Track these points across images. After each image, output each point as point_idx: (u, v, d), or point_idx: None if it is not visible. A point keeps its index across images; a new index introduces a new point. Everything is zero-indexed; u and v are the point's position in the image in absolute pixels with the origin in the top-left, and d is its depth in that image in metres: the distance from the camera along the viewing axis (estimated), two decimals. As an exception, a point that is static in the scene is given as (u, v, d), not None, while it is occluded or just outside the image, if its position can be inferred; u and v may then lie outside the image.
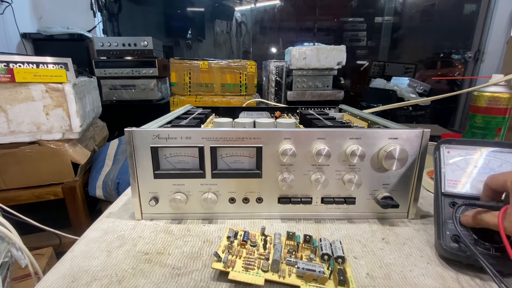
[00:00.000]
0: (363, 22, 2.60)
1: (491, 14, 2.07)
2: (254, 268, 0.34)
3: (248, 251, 0.36)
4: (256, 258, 0.35)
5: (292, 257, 0.36)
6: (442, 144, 0.43)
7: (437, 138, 0.74)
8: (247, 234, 0.39)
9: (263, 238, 0.39)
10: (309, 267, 0.33)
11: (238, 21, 2.61)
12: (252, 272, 0.33)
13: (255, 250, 0.37)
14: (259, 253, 0.36)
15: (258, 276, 0.33)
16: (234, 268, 0.34)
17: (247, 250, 0.37)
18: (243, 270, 0.34)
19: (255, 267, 0.34)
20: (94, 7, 2.04)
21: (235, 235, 0.38)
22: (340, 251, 0.36)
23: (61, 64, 1.02)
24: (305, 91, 1.59)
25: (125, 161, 1.23)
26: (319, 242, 0.37)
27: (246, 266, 0.34)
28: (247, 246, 0.37)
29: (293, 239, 0.38)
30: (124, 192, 0.59)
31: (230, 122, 0.58)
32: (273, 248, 0.37)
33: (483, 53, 2.16)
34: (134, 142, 0.43)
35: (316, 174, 0.45)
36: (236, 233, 0.39)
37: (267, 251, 0.37)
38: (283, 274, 0.34)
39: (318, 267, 0.33)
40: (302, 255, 0.37)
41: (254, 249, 0.37)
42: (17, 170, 1.06)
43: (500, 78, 0.62)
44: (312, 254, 0.36)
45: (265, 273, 0.33)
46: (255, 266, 0.34)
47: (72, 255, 0.39)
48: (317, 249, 0.37)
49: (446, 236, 0.37)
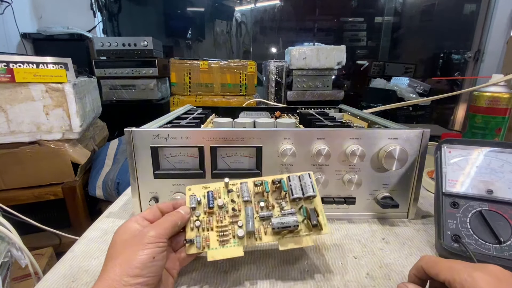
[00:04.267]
0: (363, 22, 2.60)
1: (491, 14, 2.07)
2: (229, 238, 0.33)
3: (218, 218, 0.34)
4: (229, 224, 0.34)
5: (264, 210, 0.35)
6: (444, 144, 0.43)
7: (437, 138, 0.74)
8: (211, 195, 0.35)
9: (229, 194, 0.36)
10: (283, 223, 0.33)
11: (238, 21, 2.61)
12: (228, 244, 0.33)
13: (225, 215, 0.34)
14: (230, 216, 0.34)
15: (236, 245, 0.33)
16: (210, 246, 0.33)
17: (217, 217, 0.34)
18: (219, 245, 0.33)
19: (230, 236, 0.33)
20: (94, 7, 2.04)
21: (198, 202, 0.35)
22: (310, 189, 0.35)
23: (61, 64, 1.02)
24: (305, 91, 1.59)
25: (125, 161, 1.23)
26: (287, 183, 0.36)
27: (220, 238, 0.33)
28: (215, 211, 0.35)
29: (261, 186, 0.36)
30: (124, 192, 0.59)
31: (230, 122, 0.58)
32: (243, 204, 0.35)
33: (483, 53, 2.15)
34: (134, 142, 0.43)
35: (316, 174, 0.45)
36: (199, 200, 0.35)
37: (238, 208, 0.35)
38: (259, 235, 0.33)
39: (292, 221, 0.33)
40: (273, 204, 0.35)
41: (223, 213, 0.34)
42: (17, 170, 1.06)
43: (500, 78, 0.62)
44: (283, 202, 0.35)
45: (242, 240, 0.33)
46: (230, 235, 0.33)
47: (72, 255, 0.39)
48: (287, 193, 0.35)
49: (446, 236, 0.37)
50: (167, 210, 0.34)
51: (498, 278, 0.23)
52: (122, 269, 0.26)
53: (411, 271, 0.29)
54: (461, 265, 0.24)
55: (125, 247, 0.28)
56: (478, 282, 0.22)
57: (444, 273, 0.25)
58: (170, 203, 0.35)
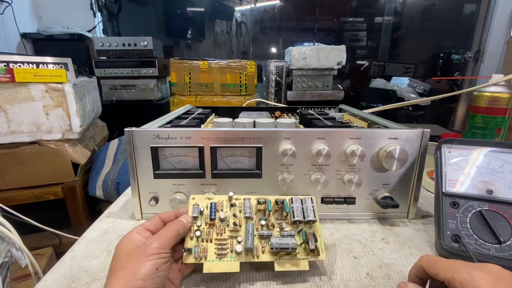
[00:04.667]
0: (363, 22, 2.60)
1: (491, 14, 2.07)
2: (227, 252, 0.33)
3: (218, 230, 0.35)
4: (228, 237, 0.34)
5: (264, 228, 0.35)
6: (444, 144, 0.43)
7: (437, 138, 0.74)
8: (214, 207, 0.36)
9: (232, 208, 0.36)
10: (282, 244, 0.33)
11: (238, 21, 2.60)
12: (225, 258, 0.33)
13: (225, 228, 0.35)
14: (230, 230, 0.35)
15: (233, 260, 0.33)
16: (208, 258, 0.33)
17: (217, 229, 0.35)
18: (217, 257, 0.33)
19: (228, 250, 0.33)
20: (94, 7, 2.04)
21: (200, 212, 0.35)
22: (312, 213, 0.35)
23: (61, 64, 1.02)
24: (305, 91, 1.59)
25: (125, 161, 1.23)
26: (290, 205, 0.36)
27: (218, 252, 0.33)
28: (216, 223, 0.35)
29: (264, 204, 0.37)
30: (124, 192, 0.59)
31: (230, 122, 0.58)
32: (244, 220, 0.35)
33: (483, 53, 2.15)
34: (134, 142, 0.43)
35: (316, 174, 0.45)
36: (202, 210, 0.36)
37: (239, 223, 0.35)
38: (257, 253, 0.33)
39: (290, 243, 0.33)
40: (274, 223, 0.36)
41: (224, 226, 0.35)
42: (17, 170, 1.06)
43: (500, 78, 0.62)
44: (284, 223, 0.36)
45: (239, 256, 0.33)
46: (228, 249, 0.33)
47: (72, 255, 0.39)
48: (289, 215, 0.36)
49: (446, 236, 0.37)
50: (169, 219, 0.34)
51: (498, 277, 0.23)
52: (127, 281, 0.26)
53: (411, 271, 0.29)
54: (461, 264, 0.25)
55: (128, 259, 0.28)
56: (477, 281, 0.22)
57: (444, 272, 0.25)
58: (172, 212, 0.35)
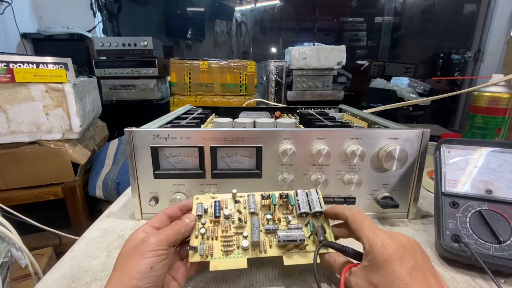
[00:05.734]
0: (363, 22, 2.60)
1: (491, 14, 2.07)
2: (233, 248, 0.32)
3: (224, 227, 0.34)
4: (234, 234, 0.33)
5: (270, 223, 0.34)
6: (443, 144, 0.43)
7: (437, 138, 0.74)
8: (218, 205, 0.35)
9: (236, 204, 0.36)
10: (289, 236, 0.32)
11: (238, 21, 2.61)
12: (232, 254, 0.32)
13: (231, 225, 0.34)
14: (235, 226, 0.34)
15: (240, 256, 0.32)
16: (214, 255, 0.32)
17: (222, 226, 0.34)
18: (223, 255, 0.32)
19: (234, 247, 0.33)
20: (94, 7, 2.04)
21: (205, 210, 0.35)
22: (318, 205, 0.35)
23: (61, 64, 1.02)
24: (305, 91, 1.59)
25: (125, 161, 1.23)
26: (295, 198, 0.36)
27: (225, 249, 0.32)
28: (221, 220, 0.34)
29: (268, 199, 0.36)
30: (124, 192, 0.59)
31: (230, 122, 0.58)
32: (249, 216, 0.35)
33: (483, 53, 2.16)
34: (134, 142, 0.43)
35: (316, 174, 0.45)
36: (206, 209, 0.35)
37: (244, 219, 0.35)
38: (264, 248, 0.33)
39: (298, 235, 0.32)
40: (280, 217, 0.35)
41: (229, 223, 0.34)
42: (17, 170, 1.06)
43: (500, 78, 0.62)
44: (290, 216, 0.35)
45: (246, 251, 0.32)
46: (234, 246, 0.33)
47: (72, 255, 0.39)
48: (294, 208, 0.36)
49: (446, 235, 0.37)
50: (173, 213, 0.34)
51: (404, 246, 0.27)
52: (122, 280, 0.26)
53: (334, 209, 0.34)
54: (380, 231, 0.29)
55: (127, 257, 0.28)
56: (387, 248, 0.27)
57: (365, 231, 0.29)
58: (175, 206, 0.35)
